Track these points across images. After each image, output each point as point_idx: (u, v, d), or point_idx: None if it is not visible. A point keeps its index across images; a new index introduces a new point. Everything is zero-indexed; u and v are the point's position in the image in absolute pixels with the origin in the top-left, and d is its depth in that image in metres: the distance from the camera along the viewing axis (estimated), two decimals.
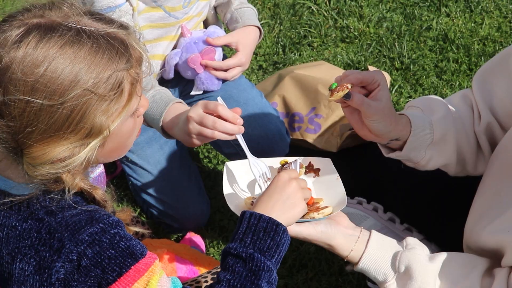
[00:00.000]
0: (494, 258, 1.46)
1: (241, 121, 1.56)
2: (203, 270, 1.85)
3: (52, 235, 1.17)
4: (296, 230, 1.44)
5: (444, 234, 1.82)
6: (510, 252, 1.40)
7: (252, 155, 1.58)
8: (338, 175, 1.55)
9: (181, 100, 1.79)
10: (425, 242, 1.92)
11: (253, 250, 1.25)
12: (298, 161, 1.55)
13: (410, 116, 1.59)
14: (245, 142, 1.57)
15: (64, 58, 1.11)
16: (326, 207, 1.47)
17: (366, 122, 1.53)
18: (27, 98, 1.09)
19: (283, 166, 1.59)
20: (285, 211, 1.33)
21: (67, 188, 1.19)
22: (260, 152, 1.62)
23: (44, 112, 1.11)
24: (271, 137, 2.10)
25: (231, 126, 1.55)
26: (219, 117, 1.55)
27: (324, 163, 1.60)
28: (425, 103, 1.67)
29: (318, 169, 1.60)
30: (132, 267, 1.18)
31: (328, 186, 1.53)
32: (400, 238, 1.95)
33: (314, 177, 1.60)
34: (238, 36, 2.06)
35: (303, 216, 1.43)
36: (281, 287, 2.03)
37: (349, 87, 1.48)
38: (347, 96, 1.48)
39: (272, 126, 2.11)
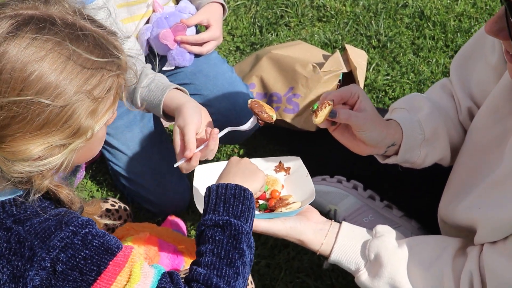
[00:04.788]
0: (471, 235, 1.48)
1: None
2: (186, 252, 1.85)
3: (22, 244, 1.14)
4: (265, 226, 1.46)
5: (424, 210, 1.84)
6: (481, 229, 1.41)
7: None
8: (308, 173, 1.58)
9: (178, 85, 1.75)
10: (405, 219, 1.94)
11: (228, 216, 1.26)
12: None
13: (397, 119, 1.59)
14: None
15: (60, 55, 1.09)
16: (295, 202, 1.51)
17: (359, 135, 1.51)
18: (18, 91, 1.07)
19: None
20: (246, 179, 1.36)
21: (33, 191, 1.16)
22: (227, 125, 1.62)
23: (34, 107, 1.08)
24: (239, 110, 2.12)
25: None
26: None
27: (294, 162, 1.63)
28: (408, 102, 1.67)
29: (289, 168, 1.64)
30: (111, 262, 1.16)
31: (298, 183, 1.57)
32: (380, 216, 1.97)
33: (285, 175, 1.64)
34: (207, 13, 2.11)
35: (272, 210, 1.48)
36: (263, 267, 2.04)
37: (331, 102, 1.47)
38: (333, 114, 1.47)
39: (240, 100, 2.13)
